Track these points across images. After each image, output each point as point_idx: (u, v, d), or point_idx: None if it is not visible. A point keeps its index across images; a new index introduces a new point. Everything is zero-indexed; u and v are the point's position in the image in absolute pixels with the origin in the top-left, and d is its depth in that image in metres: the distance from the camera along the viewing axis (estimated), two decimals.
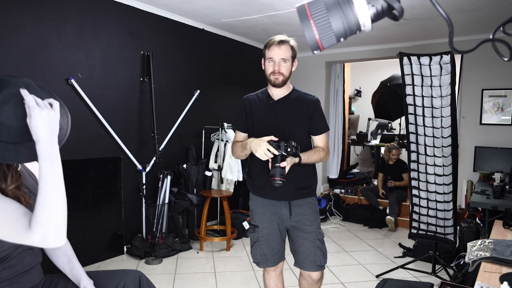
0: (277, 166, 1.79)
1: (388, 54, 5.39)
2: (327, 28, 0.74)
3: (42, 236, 1.04)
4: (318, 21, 0.74)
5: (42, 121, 1.07)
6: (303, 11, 0.73)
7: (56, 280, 1.43)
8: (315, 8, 0.73)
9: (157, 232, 3.88)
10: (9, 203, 1.10)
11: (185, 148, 4.52)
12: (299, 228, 2.06)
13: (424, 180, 3.37)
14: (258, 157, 1.84)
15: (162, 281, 3.23)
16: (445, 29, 4.43)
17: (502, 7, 3.59)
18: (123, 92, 3.83)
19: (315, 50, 0.77)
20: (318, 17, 0.74)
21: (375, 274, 3.47)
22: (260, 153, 1.82)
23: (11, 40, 2.95)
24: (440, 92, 3.08)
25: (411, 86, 3.22)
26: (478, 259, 1.75)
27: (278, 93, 2.08)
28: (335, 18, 0.74)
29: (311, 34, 0.75)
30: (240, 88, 5.39)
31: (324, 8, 0.73)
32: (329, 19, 0.74)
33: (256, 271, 3.50)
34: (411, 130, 3.35)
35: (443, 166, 3.23)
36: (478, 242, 1.92)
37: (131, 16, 3.85)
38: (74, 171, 3.36)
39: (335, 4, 0.73)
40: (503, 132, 4.73)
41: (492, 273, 1.59)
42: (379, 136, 6.73)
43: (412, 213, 3.55)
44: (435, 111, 3.15)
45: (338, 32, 0.76)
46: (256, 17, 4.27)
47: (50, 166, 1.07)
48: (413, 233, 3.60)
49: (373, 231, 4.99)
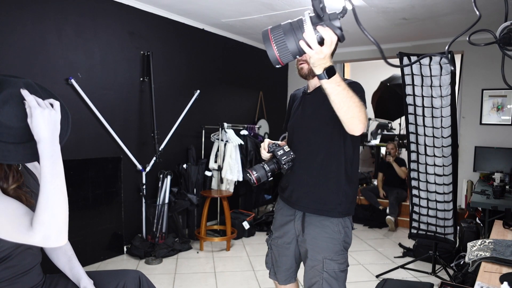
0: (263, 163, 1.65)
1: (388, 54, 5.39)
2: (284, 48, 0.98)
3: (44, 235, 1.05)
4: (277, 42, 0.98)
5: (44, 121, 1.07)
6: (266, 35, 0.98)
7: (56, 280, 1.43)
8: (275, 33, 0.98)
9: (157, 232, 3.88)
10: (11, 202, 1.10)
11: (185, 148, 4.52)
12: (306, 252, 1.74)
13: (424, 180, 3.37)
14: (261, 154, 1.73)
15: (162, 281, 3.23)
16: (445, 29, 4.44)
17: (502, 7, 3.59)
18: (123, 92, 3.83)
19: (277, 65, 1.01)
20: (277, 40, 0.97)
21: (375, 274, 3.47)
22: (262, 151, 1.73)
23: (11, 40, 2.95)
24: (440, 92, 3.08)
25: (411, 86, 3.22)
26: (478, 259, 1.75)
27: (312, 84, 1.76)
28: (290, 41, 0.98)
29: (272, 52, 0.99)
30: (240, 88, 5.40)
31: (282, 33, 0.97)
32: (286, 42, 0.97)
33: (256, 271, 3.50)
34: (411, 130, 3.35)
35: (443, 166, 3.23)
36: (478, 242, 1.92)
37: (131, 16, 3.85)
38: (74, 171, 3.36)
39: (290, 30, 0.97)
40: (503, 132, 4.73)
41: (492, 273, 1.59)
42: (379, 136, 6.73)
43: (412, 213, 3.55)
44: (435, 111, 3.15)
45: (293, 51, 1.00)
46: (256, 17, 4.27)
47: (51, 166, 1.07)
48: (413, 233, 3.60)
49: (373, 231, 4.99)
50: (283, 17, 4.17)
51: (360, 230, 5.01)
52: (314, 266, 1.70)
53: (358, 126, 1.37)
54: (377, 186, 5.42)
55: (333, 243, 1.69)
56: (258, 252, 4.01)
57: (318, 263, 1.69)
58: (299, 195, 1.72)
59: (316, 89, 1.73)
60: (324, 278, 1.68)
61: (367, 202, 5.38)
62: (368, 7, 3.78)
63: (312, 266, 1.71)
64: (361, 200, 5.51)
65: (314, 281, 1.71)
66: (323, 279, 1.68)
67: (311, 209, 1.70)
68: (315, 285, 1.71)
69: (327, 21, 0.98)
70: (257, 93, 5.73)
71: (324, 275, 1.68)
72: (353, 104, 1.31)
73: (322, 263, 1.68)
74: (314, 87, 1.76)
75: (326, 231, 1.69)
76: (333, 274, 1.68)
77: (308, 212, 1.72)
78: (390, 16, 4.09)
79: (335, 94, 1.28)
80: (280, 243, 1.86)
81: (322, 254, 1.69)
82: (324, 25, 1.00)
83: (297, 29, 0.98)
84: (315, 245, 1.70)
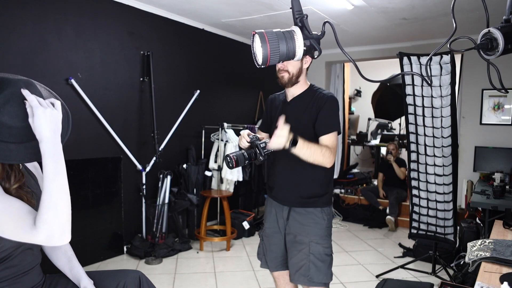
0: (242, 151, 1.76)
1: (388, 54, 5.39)
2: (276, 50, 1.07)
3: (48, 234, 1.05)
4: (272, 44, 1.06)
5: (46, 120, 1.07)
6: (263, 35, 1.07)
7: (56, 280, 1.43)
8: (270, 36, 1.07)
9: (157, 232, 3.88)
10: (14, 202, 1.10)
11: (185, 148, 4.52)
12: (294, 237, 1.91)
13: (424, 180, 3.37)
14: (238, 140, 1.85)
15: (162, 281, 3.23)
16: (445, 29, 4.43)
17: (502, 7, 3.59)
18: (123, 92, 3.83)
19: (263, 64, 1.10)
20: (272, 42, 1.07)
21: (375, 274, 3.47)
22: (239, 139, 1.84)
23: (11, 40, 2.95)
24: (440, 92, 3.08)
25: (411, 86, 3.22)
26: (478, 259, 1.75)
27: (291, 93, 1.93)
28: (282, 45, 1.08)
29: (266, 52, 1.06)
30: (240, 88, 5.40)
31: (276, 37, 1.07)
32: (279, 45, 1.07)
33: (256, 271, 3.50)
34: (411, 130, 3.35)
35: (443, 166, 3.23)
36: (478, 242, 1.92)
37: (131, 16, 3.85)
38: (74, 171, 3.36)
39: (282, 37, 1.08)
40: (503, 132, 4.73)
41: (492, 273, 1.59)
42: (379, 136, 6.73)
43: (412, 213, 3.55)
44: (435, 111, 3.15)
45: (281, 55, 1.09)
46: (256, 17, 4.26)
47: (54, 165, 1.08)
48: (413, 233, 3.60)
49: (373, 231, 4.99)
50: (283, 17, 4.17)
51: (360, 230, 5.01)
52: (301, 249, 1.87)
53: (325, 165, 1.75)
54: (377, 186, 5.42)
55: (318, 228, 1.88)
56: None
57: (305, 246, 1.86)
58: (285, 193, 1.94)
59: (295, 98, 1.93)
60: (311, 260, 1.84)
61: (367, 202, 5.38)
62: (368, 7, 3.78)
63: (299, 250, 1.87)
64: (361, 200, 5.51)
65: (301, 264, 1.86)
66: (310, 262, 1.84)
67: (297, 204, 1.91)
68: (302, 268, 1.85)
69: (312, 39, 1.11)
70: (257, 93, 5.73)
71: (311, 257, 1.84)
72: (317, 157, 1.70)
73: (308, 246, 1.85)
74: (292, 96, 1.94)
75: (311, 217, 1.89)
76: (319, 257, 1.85)
77: (294, 207, 1.93)
78: (390, 16, 4.09)
79: (302, 154, 1.67)
80: (269, 233, 2.03)
81: (308, 237, 1.86)
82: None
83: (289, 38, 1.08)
84: (302, 230, 1.88)
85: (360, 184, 6.00)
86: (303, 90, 1.92)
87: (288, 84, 1.88)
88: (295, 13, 1.12)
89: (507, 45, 1.04)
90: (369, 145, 6.74)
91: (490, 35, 1.06)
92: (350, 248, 4.22)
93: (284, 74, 1.86)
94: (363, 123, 7.51)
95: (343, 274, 3.45)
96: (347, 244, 4.38)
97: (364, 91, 8.18)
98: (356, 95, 8.24)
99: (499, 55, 1.06)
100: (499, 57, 1.08)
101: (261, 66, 1.12)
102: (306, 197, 1.89)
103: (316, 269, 1.84)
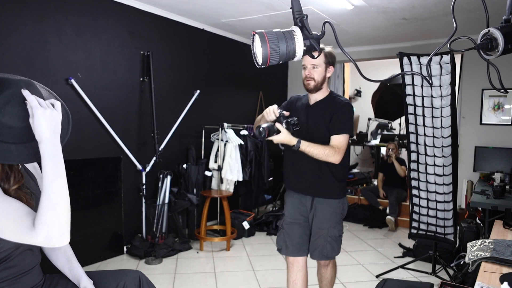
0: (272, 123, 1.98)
1: (388, 54, 5.39)
2: (276, 50, 1.07)
3: (46, 235, 1.04)
4: (272, 44, 1.06)
5: (45, 121, 1.07)
6: (262, 35, 1.07)
7: (56, 280, 1.43)
8: (270, 36, 1.07)
9: (157, 232, 3.88)
10: (13, 202, 1.10)
11: (185, 148, 4.52)
12: (316, 223, 2.26)
13: (424, 180, 3.37)
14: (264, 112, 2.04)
15: (162, 281, 3.23)
16: (445, 29, 4.44)
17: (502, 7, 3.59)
18: (123, 92, 3.83)
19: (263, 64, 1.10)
20: (272, 42, 1.06)
21: (375, 274, 3.47)
22: (267, 110, 2.02)
23: (11, 40, 2.95)
24: (440, 92, 3.08)
25: (411, 86, 3.22)
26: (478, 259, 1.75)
27: (314, 98, 2.23)
28: (282, 45, 1.07)
29: (266, 52, 1.06)
30: (240, 88, 5.40)
31: (276, 37, 1.07)
32: (279, 45, 1.07)
33: (256, 271, 3.50)
34: (411, 130, 3.35)
35: (443, 166, 3.23)
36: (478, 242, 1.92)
37: (131, 16, 3.85)
38: (74, 171, 3.36)
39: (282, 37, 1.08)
40: (503, 132, 4.73)
41: (492, 273, 1.59)
42: (379, 136, 6.72)
43: (412, 213, 3.55)
44: (435, 111, 3.15)
45: (281, 55, 1.09)
46: (256, 17, 4.27)
47: (53, 166, 1.07)
48: (413, 233, 3.60)
49: (373, 231, 4.99)
50: (283, 17, 4.17)
51: (360, 230, 5.01)
52: (321, 234, 2.23)
53: (332, 162, 2.07)
54: (377, 186, 5.42)
55: (335, 216, 2.24)
56: (258, 252, 4.01)
57: (324, 231, 2.23)
58: (306, 185, 2.24)
59: (317, 102, 2.22)
60: (328, 241, 2.23)
61: (367, 202, 5.38)
62: (368, 7, 3.78)
63: (320, 234, 2.24)
64: (361, 200, 5.51)
65: (320, 245, 2.24)
66: (327, 242, 2.23)
67: (319, 195, 2.23)
68: (321, 247, 2.24)
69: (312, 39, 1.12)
70: (257, 93, 5.73)
71: (328, 239, 2.23)
72: (320, 156, 2.04)
73: (327, 231, 2.22)
74: (315, 100, 2.23)
75: (331, 207, 2.23)
76: (334, 239, 2.25)
77: (316, 197, 2.24)
78: (390, 16, 4.09)
79: (307, 152, 2.03)
80: (290, 221, 2.31)
81: (327, 224, 2.22)
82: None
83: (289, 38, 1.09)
84: (323, 217, 2.23)
85: (360, 184, 6.00)
86: (324, 96, 2.22)
87: (313, 90, 2.17)
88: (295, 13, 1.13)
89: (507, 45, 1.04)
90: (369, 145, 6.74)
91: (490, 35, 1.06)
92: (350, 248, 4.22)
93: (310, 81, 2.15)
94: (363, 123, 7.51)
95: (343, 274, 3.45)
96: (347, 244, 4.38)
97: (364, 91, 8.17)
98: (356, 95, 8.24)
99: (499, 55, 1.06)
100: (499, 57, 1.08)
101: (261, 66, 1.13)
102: (327, 189, 2.21)
103: (331, 248, 2.25)
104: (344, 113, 2.14)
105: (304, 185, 2.25)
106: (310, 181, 2.22)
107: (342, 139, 2.10)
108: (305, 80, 2.17)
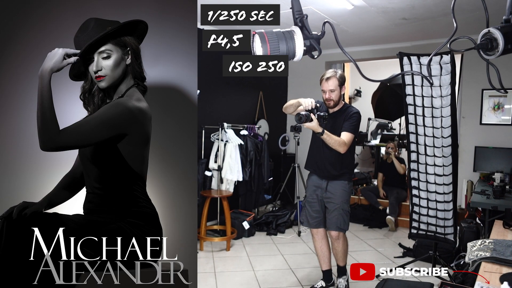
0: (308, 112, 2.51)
1: (388, 54, 5.39)
2: (276, 50, 1.10)
3: None
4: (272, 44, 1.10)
5: None
6: (262, 35, 1.10)
7: None
8: (270, 36, 1.10)
9: None
10: None
11: None
12: (330, 200, 2.82)
13: (424, 180, 3.37)
14: (302, 102, 2.54)
15: None
16: (445, 29, 4.43)
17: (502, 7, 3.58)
18: None
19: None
20: (272, 42, 1.10)
21: (375, 274, 3.47)
22: (307, 101, 2.53)
23: None
24: (440, 92, 3.08)
25: (411, 86, 3.22)
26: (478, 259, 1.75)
27: (333, 109, 2.84)
28: (282, 45, 1.10)
29: (266, 52, 1.09)
30: (240, 88, 5.40)
31: (276, 37, 1.10)
32: (279, 45, 1.10)
33: (256, 271, 3.50)
34: (411, 130, 3.35)
35: (443, 166, 3.23)
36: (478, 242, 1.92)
37: None
38: None
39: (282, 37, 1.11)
40: (503, 132, 4.72)
41: (492, 273, 1.59)
42: (379, 136, 6.72)
43: (412, 213, 3.55)
44: (435, 111, 3.15)
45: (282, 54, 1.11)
46: None
47: None
48: (413, 233, 3.60)
49: (373, 231, 4.99)
50: (283, 17, 4.15)
51: (360, 230, 5.01)
52: (335, 208, 2.80)
53: (339, 151, 2.66)
54: (377, 186, 5.41)
55: (345, 194, 2.83)
56: (258, 252, 4.01)
57: (338, 205, 2.80)
58: (324, 171, 2.84)
59: (335, 112, 2.82)
60: (341, 214, 2.80)
61: (367, 202, 5.37)
62: (368, 7, 3.78)
63: (334, 209, 2.81)
64: (361, 200, 5.50)
65: (335, 217, 2.80)
66: (340, 215, 2.80)
67: (332, 178, 2.83)
68: (335, 219, 2.80)
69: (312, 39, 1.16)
70: (257, 93, 5.73)
71: (341, 212, 2.79)
72: (335, 144, 2.62)
73: (340, 205, 2.80)
74: (333, 111, 2.83)
75: (342, 186, 2.82)
76: (345, 213, 2.82)
77: (330, 180, 2.83)
78: (390, 16, 4.09)
79: (326, 141, 2.61)
80: (310, 200, 2.92)
81: (340, 199, 2.80)
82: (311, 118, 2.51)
83: (289, 38, 1.12)
84: (336, 194, 2.81)
85: (360, 184, 5.99)
86: (340, 107, 2.82)
87: (333, 107, 2.79)
88: (295, 13, 1.14)
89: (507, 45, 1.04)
90: (369, 145, 6.74)
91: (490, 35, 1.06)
92: (350, 248, 4.18)
93: (330, 102, 2.74)
94: (363, 123, 7.45)
95: None
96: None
97: (364, 91, 8.16)
98: (356, 95, 8.23)
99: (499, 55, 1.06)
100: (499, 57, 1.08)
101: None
102: (338, 174, 2.80)
103: (343, 220, 2.81)
104: (353, 118, 2.74)
105: (323, 169, 2.84)
106: (327, 167, 2.80)
107: (348, 136, 2.69)
108: (326, 101, 2.76)
